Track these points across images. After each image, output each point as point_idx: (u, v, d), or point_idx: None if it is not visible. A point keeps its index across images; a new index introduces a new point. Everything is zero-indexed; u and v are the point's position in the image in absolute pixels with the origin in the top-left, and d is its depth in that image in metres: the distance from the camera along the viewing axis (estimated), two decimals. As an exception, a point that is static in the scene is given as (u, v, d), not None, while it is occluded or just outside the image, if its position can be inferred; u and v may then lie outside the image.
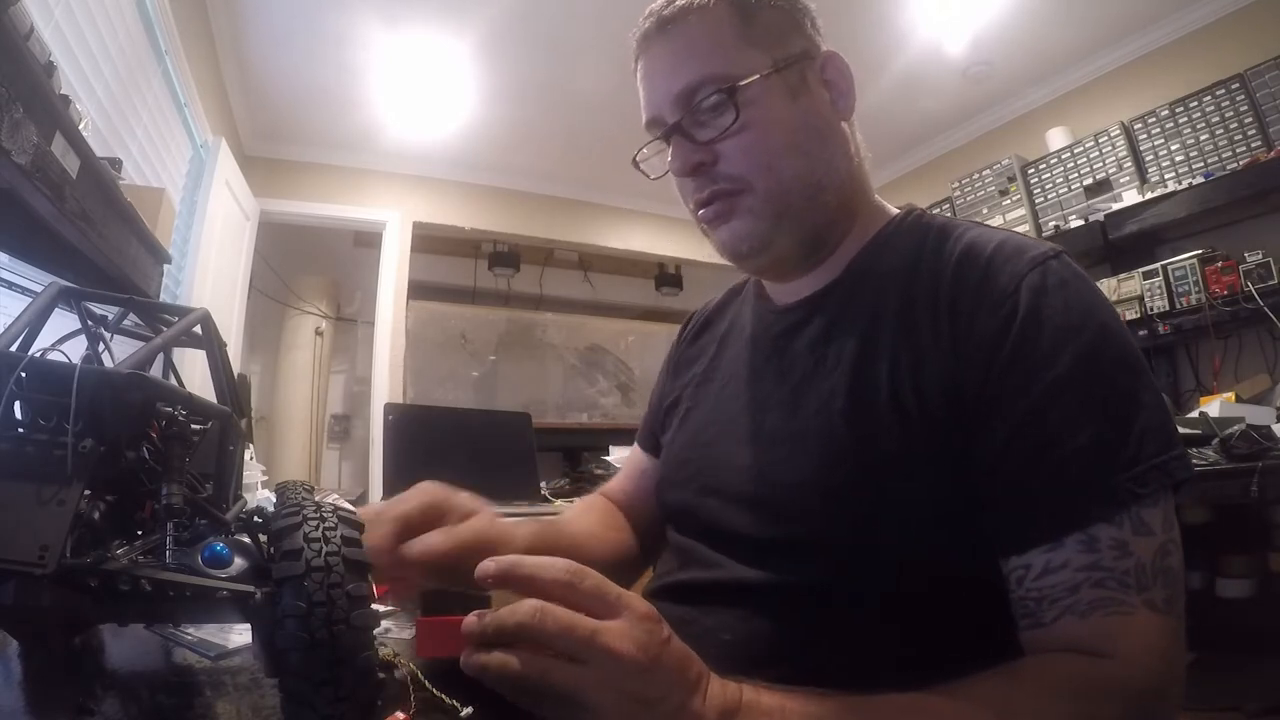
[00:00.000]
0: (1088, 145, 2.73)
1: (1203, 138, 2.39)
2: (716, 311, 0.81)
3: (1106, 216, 2.53)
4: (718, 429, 0.66)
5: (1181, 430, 1.88)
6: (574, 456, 3.62)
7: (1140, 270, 2.40)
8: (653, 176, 0.65)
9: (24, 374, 0.37)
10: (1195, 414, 2.02)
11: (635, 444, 0.88)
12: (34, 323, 0.45)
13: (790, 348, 0.63)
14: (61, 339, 0.47)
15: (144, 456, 0.44)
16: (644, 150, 0.66)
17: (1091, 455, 0.46)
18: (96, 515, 0.41)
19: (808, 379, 0.59)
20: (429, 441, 1.87)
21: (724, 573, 0.59)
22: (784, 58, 0.59)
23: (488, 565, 0.39)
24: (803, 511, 0.55)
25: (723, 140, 0.58)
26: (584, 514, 0.82)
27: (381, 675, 0.47)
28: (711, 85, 0.57)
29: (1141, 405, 0.47)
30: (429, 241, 4.04)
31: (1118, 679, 0.42)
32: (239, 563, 0.43)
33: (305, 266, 4.30)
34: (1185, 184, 2.36)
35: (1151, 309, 2.35)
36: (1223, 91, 2.33)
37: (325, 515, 0.42)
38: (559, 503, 1.85)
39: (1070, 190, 2.80)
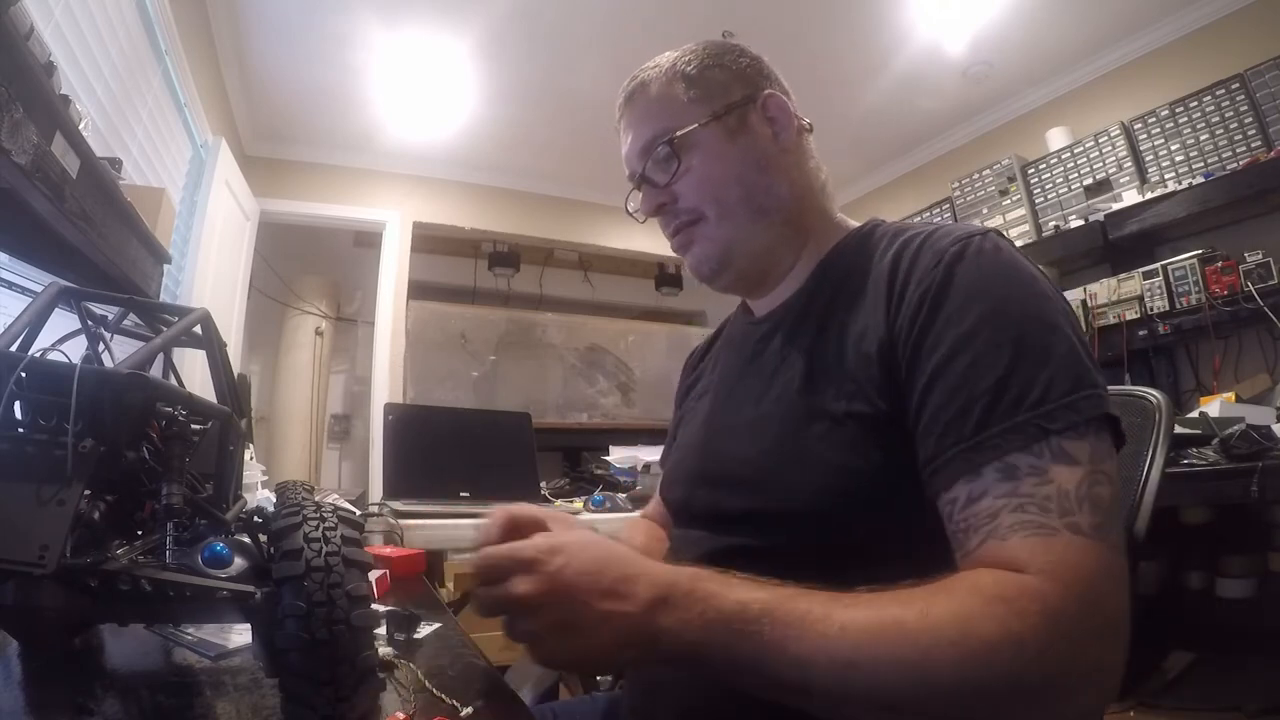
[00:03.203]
0: (1088, 145, 2.73)
1: (1203, 138, 2.39)
2: (714, 338, 0.89)
3: (1106, 216, 2.53)
4: (707, 428, 0.74)
5: (1182, 430, 1.89)
6: (574, 456, 3.62)
7: (1140, 270, 2.40)
8: (641, 220, 0.77)
9: (24, 374, 0.37)
10: (1195, 414, 2.02)
11: (661, 468, 0.96)
12: (34, 323, 0.45)
13: (764, 351, 0.70)
14: (61, 339, 0.47)
15: (144, 456, 0.44)
16: (629, 200, 0.77)
17: (996, 394, 0.48)
18: (96, 515, 0.41)
19: (775, 373, 0.67)
20: (429, 441, 1.87)
21: (713, 544, 0.65)
22: (723, 106, 0.69)
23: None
24: (761, 483, 0.61)
25: (677, 181, 0.69)
26: (630, 532, 0.90)
27: (381, 675, 0.47)
28: (662, 138, 0.69)
29: (1050, 354, 0.49)
30: (429, 241, 4.04)
31: (1034, 592, 0.42)
32: (239, 563, 0.43)
33: (305, 266, 4.30)
34: (1185, 184, 2.36)
35: (1151, 309, 2.35)
36: (1223, 91, 2.33)
37: (325, 515, 0.42)
38: (559, 503, 1.85)
39: (1070, 190, 2.80)
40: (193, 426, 0.50)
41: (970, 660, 0.41)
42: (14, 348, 0.42)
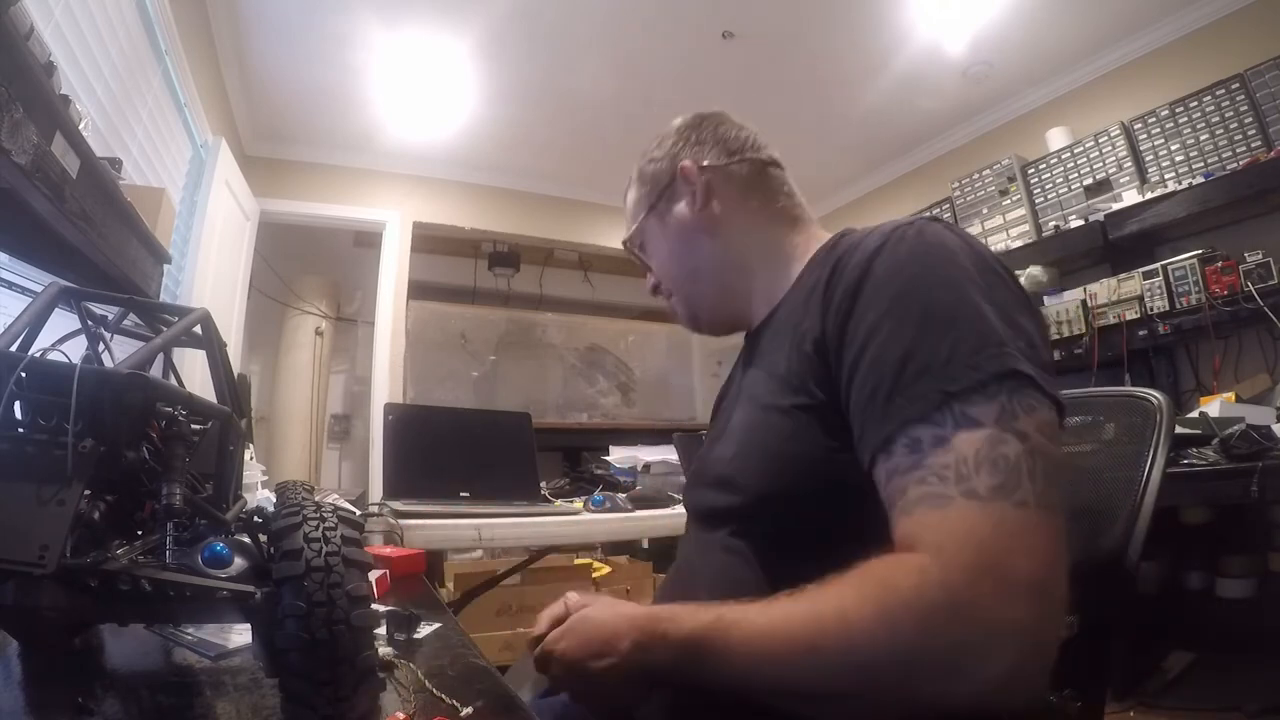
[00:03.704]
0: (1088, 145, 2.73)
1: (1203, 138, 2.39)
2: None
3: (1106, 216, 2.53)
4: (708, 439, 0.82)
5: (1182, 430, 1.89)
6: (574, 456, 3.62)
7: (1140, 270, 2.40)
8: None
9: (24, 374, 0.37)
10: (1195, 414, 2.02)
11: None
12: (34, 323, 0.45)
13: (748, 363, 0.78)
14: (61, 339, 0.47)
15: (144, 456, 0.44)
16: None
17: (899, 369, 0.50)
18: (96, 515, 0.41)
19: (750, 381, 0.73)
20: (429, 442, 1.87)
21: (709, 538, 0.70)
22: (655, 196, 0.81)
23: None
24: (734, 479, 0.66)
25: (650, 266, 0.85)
26: None
27: (381, 675, 0.47)
28: (627, 243, 0.86)
29: (957, 319, 0.50)
30: (429, 241, 4.04)
31: (914, 568, 0.44)
32: (239, 563, 0.43)
33: (305, 266, 4.30)
34: (1185, 184, 2.36)
35: (1151, 309, 2.35)
36: (1223, 91, 2.33)
37: (325, 515, 0.42)
38: (559, 503, 1.85)
39: (1070, 190, 2.80)
40: (193, 426, 0.50)
41: (851, 648, 0.45)
42: (14, 348, 0.42)
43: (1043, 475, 0.45)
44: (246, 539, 0.46)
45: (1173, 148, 2.47)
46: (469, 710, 0.51)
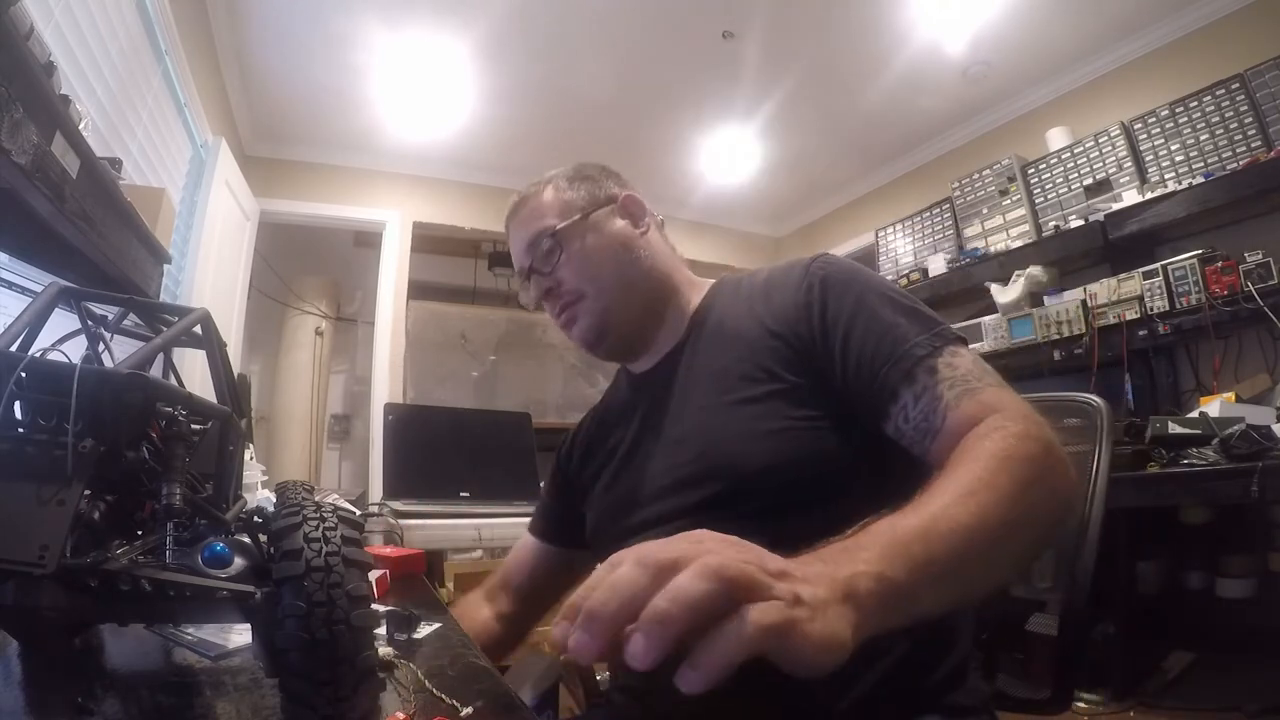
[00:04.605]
0: (1088, 145, 2.73)
1: (1203, 138, 2.39)
2: (590, 422, 0.98)
3: (1106, 216, 2.53)
4: (627, 477, 0.83)
5: (1182, 430, 1.89)
6: (574, 456, 3.60)
7: (1140, 270, 2.40)
8: (530, 309, 0.94)
9: (24, 374, 0.37)
10: (1195, 414, 2.02)
11: (527, 533, 1.04)
12: (34, 323, 0.45)
13: (665, 389, 0.82)
14: (61, 339, 0.47)
15: (144, 456, 0.44)
16: (521, 293, 0.92)
17: (893, 329, 0.68)
18: (96, 515, 0.41)
19: (685, 395, 0.79)
20: (429, 441, 1.87)
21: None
22: (592, 205, 0.86)
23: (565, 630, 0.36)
24: (709, 468, 0.72)
25: (560, 269, 0.84)
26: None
27: (381, 675, 0.47)
28: (545, 234, 0.84)
29: (913, 310, 0.71)
30: (429, 241, 4.04)
31: (1008, 421, 0.59)
32: (239, 563, 0.42)
33: (305, 266, 4.29)
34: (1185, 184, 2.36)
35: (1151, 309, 2.35)
36: (1223, 91, 2.33)
37: (325, 515, 0.42)
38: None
39: (1070, 190, 2.80)
40: (193, 426, 0.50)
41: (1027, 462, 0.55)
42: (14, 348, 0.42)
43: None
44: (246, 539, 0.46)
45: (1173, 148, 2.47)
46: (469, 710, 0.51)
